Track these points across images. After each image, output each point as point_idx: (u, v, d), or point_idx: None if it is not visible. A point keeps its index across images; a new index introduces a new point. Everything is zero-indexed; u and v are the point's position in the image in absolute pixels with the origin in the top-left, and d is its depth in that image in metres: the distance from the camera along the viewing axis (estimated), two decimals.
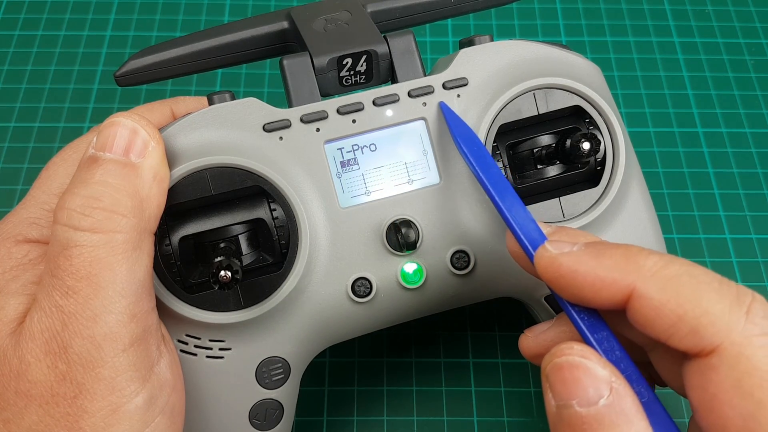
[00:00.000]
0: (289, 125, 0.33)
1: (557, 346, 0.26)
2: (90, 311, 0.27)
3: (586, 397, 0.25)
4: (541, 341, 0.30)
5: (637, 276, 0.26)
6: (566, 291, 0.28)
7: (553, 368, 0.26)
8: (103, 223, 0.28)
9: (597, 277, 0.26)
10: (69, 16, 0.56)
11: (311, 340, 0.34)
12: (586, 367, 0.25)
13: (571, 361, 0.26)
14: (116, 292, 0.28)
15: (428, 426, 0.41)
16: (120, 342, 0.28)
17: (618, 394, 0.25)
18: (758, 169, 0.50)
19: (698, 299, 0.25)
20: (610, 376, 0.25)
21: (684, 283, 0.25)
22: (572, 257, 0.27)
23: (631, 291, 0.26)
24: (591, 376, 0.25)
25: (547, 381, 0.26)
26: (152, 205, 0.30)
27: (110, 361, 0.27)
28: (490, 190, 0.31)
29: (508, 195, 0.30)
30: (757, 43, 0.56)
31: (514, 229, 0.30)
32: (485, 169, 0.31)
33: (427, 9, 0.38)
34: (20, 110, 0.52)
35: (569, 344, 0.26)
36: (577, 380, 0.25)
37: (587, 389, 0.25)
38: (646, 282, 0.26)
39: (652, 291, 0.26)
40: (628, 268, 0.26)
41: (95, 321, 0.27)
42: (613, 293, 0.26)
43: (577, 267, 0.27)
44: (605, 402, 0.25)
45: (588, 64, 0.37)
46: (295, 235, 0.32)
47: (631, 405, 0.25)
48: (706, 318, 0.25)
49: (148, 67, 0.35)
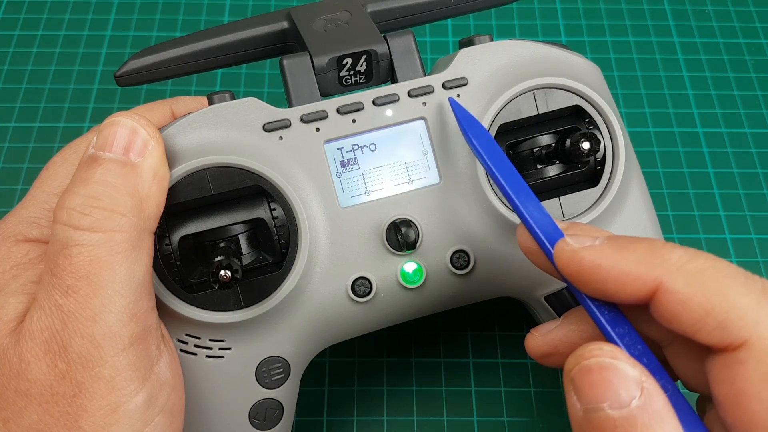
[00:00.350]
0: (289, 125, 0.33)
1: (583, 347, 0.25)
2: (90, 310, 0.27)
3: (617, 399, 0.24)
4: (549, 340, 0.30)
5: (663, 270, 0.26)
6: (588, 286, 0.27)
7: (581, 371, 0.25)
8: (103, 223, 0.28)
9: (622, 272, 0.26)
10: (69, 16, 0.56)
11: (311, 339, 0.34)
12: (616, 368, 0.24)
13: (602, 363, 0.25)
14: (116, 292, 0.28)
15: (428, 426, 0.41)
16: (120, 341, 0.28)
17: (649, 394, 0.24)
18: (758, 169, 0.50)
19: (725, 293, 0.25)
20: (640, 376, 0.24)
21: (711, 276, 0.25)
22: (595, 251, 0.27)
23: (657, 285, 0.26)
24: (622, 377, 0.24)
25: (572, 384, 0.25)
26: (152, 204, 0.30)
27: (110, 360, 0.27)
28: (504, 185, 0.30)
29: (522, 190, 0.30)
30: (757, 43, 0.56)
31: (530, 224, 0.29)
32: (498, 164, 0.31)
33: (427, 9, 0.38)
34: (20, 110, 0.52)
35: (597, 345, 0.25)
36: (608, 382, 0.24)
37: (619, 391, 0.24)
38: (672, 276, 0.25)
39: (679, 285, 0.25)
40: (654, 261, 0.26)
41: (95, 320, 0.27)
42: (638, 287, 0.26)
43: (600, 261, 0.26)
44: (637, 403, 0.24)
45: (588, 64, 0.37)
46: (295, 234, 0.32)
47: (663, 405, 0.24)
48: (734, 312, 0.25)
49: (148, 67, 0.35)
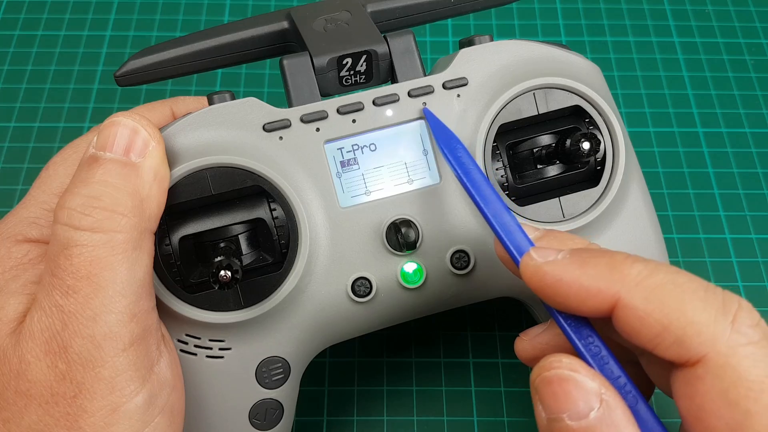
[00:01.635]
0: (289, 125, 0.33)
1: (545, 358, 0.26)
2: (90, 311, 0.27)
3: (576, 410, 0.25)
4: (536, 344, 0.30)
5: (621, 286, 0.25)
6: (551, 299, 0.27)
7: (542, 382, 0.25)
8: (104, 223, 0.28)
9: (581, 287, 0.26)
10: (69, 16, 0.56)
11: (311, 339, 0.34)
12: (575, 381, 0.25)
13: (561, 375, 0.25)
14: (116, 292, 0.28)
15: (428, 426, 0.41)
16: (120, 342, 0.28)
17: (608, 406, 0.25)
18: (758, 169, 0.50)
19: (683, 309, 0.25)
20: (599, 388, 0.25)
21: (669, 292, 0.25)
22: (557, 266, 0.27)
23: (615, 301, 0.25)
24: (581, 389, 0.25)
25: (537, 394, 0.26)
26: (152, 204, 0.30)
27: (110, 360, 0.27)
28: (474, 195, 0.30)
29: (491, 201, 0.30)
30: (757, 43, 0.56)
31: (500, 236, 0.29)
32: (467, 174, 0.31)
33: (427, 9, 0.38)
34: (20, 110, 0.52)
35: (557, 357, 0.26)
36: (567, 393, 0.25)
37: (577, 402, 0.25)
38: (630, 292, 0.25)
39: (637, 301, 0.25)
40: (613, 277, 0.26)
41: (95, 321, 0.27)
42: (598, 303, 0.26)
43: (561, 276, 0.26)
44: (596, 414, 0.24)
45: (588, 64, 0.37)
46: (295, 234, 0.32)
47: (622, 416, 0.25)
48: (691, 328, 0.24)
49: (148, 67, 0.35)
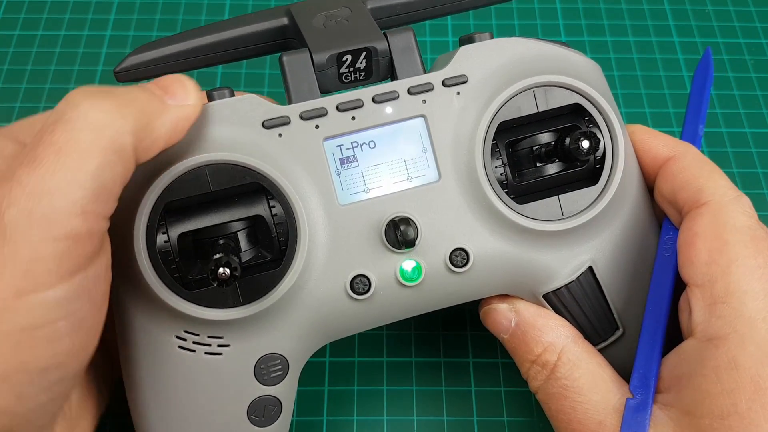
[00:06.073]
0: (288, 122, 0.33)
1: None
2: (41, 187, 0.26)
3: (503, 327, 0.36)
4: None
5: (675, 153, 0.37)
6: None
7: (482, 316, 0.37)
8: (107, 110, 0.28)
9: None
10: (69, 16, 0.56)
11: (310, 336, 0.34)
12: (494, 309, 0.37)
13: (486, 309, 0.37)
14: (76, 180, 0.27)
15: (428, 426, 0.41)
16: (55, 229, 0.26)
17: (518, 311, 0.36)
18: (758, 169, 0.50)
19: (711, 176, 0.35)
20: (508, 307, 0.36)
21: (701, 166, 0.36)
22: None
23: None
24: (497, 312, 0.36)
25: (485, 324, 0.37)
26: (153, 137, 0.30)
27: (36, 243, 0.26)
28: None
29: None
30: (757, 43, 0.56)
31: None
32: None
33: (427, 5, 0.38)
34: (20, 110, 0.52)
35: (488, 301, 0.37)
36: (493, 319, 0.37)
37: (501, 321, 0.36)
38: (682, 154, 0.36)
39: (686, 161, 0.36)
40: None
41: (40, 198, 0.26)
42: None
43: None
44: (515, 321, 0.36)
45: (588, 62, 0.36)
46: (294, 232, 0.32)
47: (534, 312, 0.36)
48: (709, 182, 0.34)
49: (147, 63, 0.35)
